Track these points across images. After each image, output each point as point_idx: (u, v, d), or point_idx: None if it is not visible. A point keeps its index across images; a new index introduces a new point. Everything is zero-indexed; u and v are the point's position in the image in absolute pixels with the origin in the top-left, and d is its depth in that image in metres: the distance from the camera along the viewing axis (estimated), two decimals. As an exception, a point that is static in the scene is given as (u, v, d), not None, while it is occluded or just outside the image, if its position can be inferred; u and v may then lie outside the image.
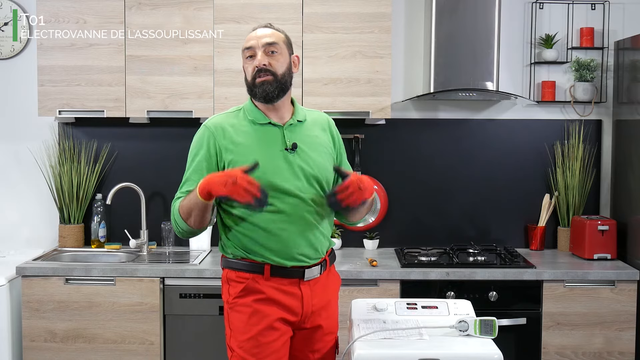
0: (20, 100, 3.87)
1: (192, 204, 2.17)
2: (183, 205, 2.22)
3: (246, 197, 2.05)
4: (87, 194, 3.83)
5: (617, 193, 3.79)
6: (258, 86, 2.26)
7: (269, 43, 2.27)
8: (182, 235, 2.31)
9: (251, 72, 2.28)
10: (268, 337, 2.26)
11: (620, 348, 3.36)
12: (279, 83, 2.27)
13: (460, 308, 2.39)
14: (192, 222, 2.22)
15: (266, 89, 2.25)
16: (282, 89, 2.29)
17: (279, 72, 2.27)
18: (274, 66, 2.27)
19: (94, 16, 3.52)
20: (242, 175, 2.06)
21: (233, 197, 2.06)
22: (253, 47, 2.28)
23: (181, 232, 2.30)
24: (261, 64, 2.25)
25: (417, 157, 3.90)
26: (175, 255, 3.66)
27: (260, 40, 2.27)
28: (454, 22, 3.63)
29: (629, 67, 3.63)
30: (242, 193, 2.05)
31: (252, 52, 2.28)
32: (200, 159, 2.28)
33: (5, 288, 3.35)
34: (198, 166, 2.28)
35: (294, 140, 2.31)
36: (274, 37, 2.30)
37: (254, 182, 2.06)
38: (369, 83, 3.52)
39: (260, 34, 2.29)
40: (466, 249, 3.70)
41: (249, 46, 2.29)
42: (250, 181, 2.06)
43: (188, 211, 2.20)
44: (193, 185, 2.24)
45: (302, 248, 2.28)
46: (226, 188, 2.05)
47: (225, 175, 2.08)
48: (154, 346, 3.35)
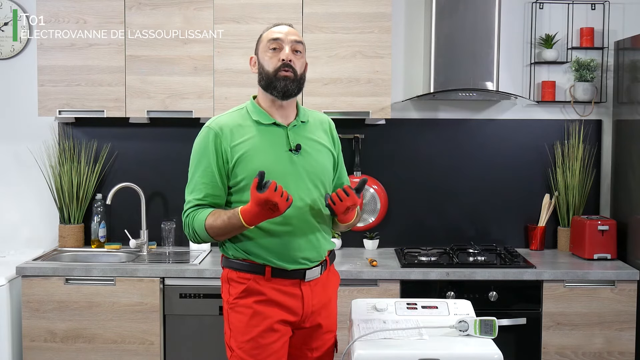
0: (20, 100, 3.87)
1: (232, 229, 2.21)
2: (215, 227, 2.22)
3: (286, 206, 2.12)
4: (87, 194, 3.83)
5: (617, 193, 3.79)
6: (280, 79, 2.26)
7: (297, 41, 2.30)
8: (198, 242, 2.36)
9: (275, 63, 2.27)
10: (268, 338, 2.26)
11: (620, 348, 3.36)
12: (298, 82, 2.30)
13: (460, 308, 2.39)
14: (223, 238, 2.29)
15: (288, 85, 2.27)
16: (299, 88, 2.31)
17: (299, 72, 2.30)
18: (297, 65, 2.29)
19: (94, 16, 3.52)
20: (272, 194, 2.07)
21: (282, 213, 2.13)
22: (281, 40, 2.28)
23: (199, 242, 2.34)
24: (288, 58, 2.26)
25: (417, 157, 3.90)
26: (175, 255, 3.66)
27: (289, 36, 2.29)
28: (454, 22, 3.63)
29: (629, 67, 3.63)
30: (284, 207, 2.11)
31: (278, 44, 2.28)
32: (207, 162, 2.27)
33: (5, 288, 3.35)
34: (207, 170, 2.27)
35: (298, 142, 2.31)
36: (300, 37, 2.34)
37: (283, 193, 2.10)
38: (369, 83, 3.52)
39: (288, 30, 2.31)
40: (466, 249, 3.70)
41: (276, 37, 2.28)
42: (283, 195, 2.10)
43: (223, 233, 2.24)
44: (204, 192, 2.26)
45: (304, 251, 2.28)
46: (275, 213, 2.13)
47: (263, 206, 2.10)
48: (154, 346, 3.35)
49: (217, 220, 2.22)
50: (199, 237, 2.29)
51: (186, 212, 2.30)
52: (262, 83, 2.31)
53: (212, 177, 2.26)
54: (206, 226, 2.23)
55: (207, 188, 2.27)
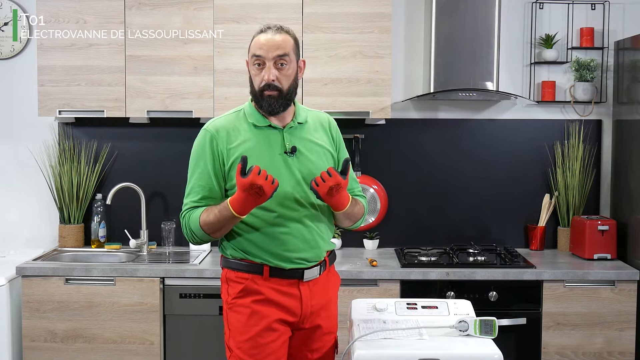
0: (20, 100, 3.87)
1: (224, 221, 2.21)
2: (208, 222, 2.23)
3: (272, 189, 2.13)
4: (87, 194, 3.83)
5: (617, 193, 3.79)
6: (265, 99, 2.26)
7: (279, 55, 2.24)
8: (200, 244, 2.36)
9: (259, 83, 2.26)
10: (266, 338, 2.26)
11: (620, 348, 3.36)
12: (284, 99, 2.27)
13: (460, 308, 2.39)
14: (219, 234, 2.29)
15: (272, 104, 2.26)
16: (287, 103, 2.29)
17: (285, 87, 2.26)
18: (282, 81, 2.25)
19: (94, 16, 3.52)
20: (256, 177, 2.09)
21: (269, 197, 2.15)
22: (263, 57, 2.24)
23: (198, 242, 2.34)
24: (270, 79, 2.24)
25: (417, 157, 3.90)
26: (175, 255, 3.66)
27: (270, 52, 2.23)
28: (454, 22, 3.63)
29: (629, 67, 3.63)
30: (270, 190, 2.12)
31: (260, 60, 2.25)
32: (204, 164, 2.28)
33: (5, 288, 3.35)
34: (203, 172, 2.28)
35: (294, 143, 2.30)
36: (285, 46, 2.25)
37: (268, 177, 2.11)
38: (369, 83, 3.52)
39: (271, 44, 2.24)
40: (466, 249, 3.70)
41: (258, 54, 2.25)
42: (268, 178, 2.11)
43: (217, 227, 2.24)
44: (200, 194, 2.27)
45: (301, 252, 2.28)
46: (262, 198, 2.13)
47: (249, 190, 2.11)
48: (154, 346, 3.35)
49: (210, 215, 2.23)
50: (196, 237, 2.29)
51: (183, 214, 2.32)
52: (252, 97, 2.32)
53: (208, 180, 2.27)
54: (200, 223, 2.25)
55: (203, 190, 2.28)
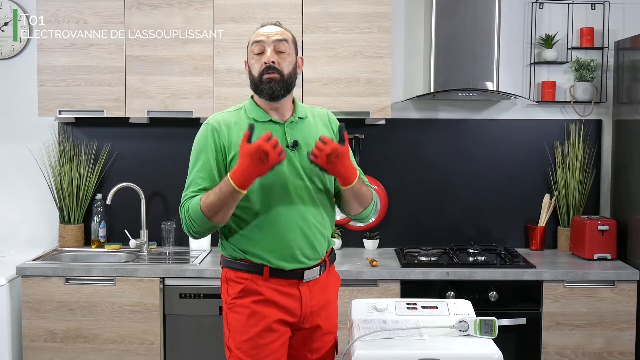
0: (20, 100, 3.87)
1: (225, 199, 2.14)
2: (208, 204, 2.17)
3: (276, 158, 2.09)
4: (87, 194, 3.83)
5: (617, 193, 3.79)
6: (265, 83, 2.25)
7: (279, 40, 2.27)
8: (198, 235, 2.28)
9: (259, 68, 2.26)
10: (266, 338, 2.26)
11: (620, 348, 3.36)
12: (285, 83, 2.27)
13: (460, 308, 2.39)
14: (219, 218, 2.19)
15: (273, 87, 2.25)
16: (287, 88, 2.29)
17: (286, 71, 2.27)
18: (282, 65, 2.26)
19: (94, 16, 3.52)
20: (264, 143, 2.06)
21: (275, 165, 2.11)
22: (263, 42, 2.26)
23: (199, 232, 2.26)
24: (270, 60, 2.25)
25: (417, 157, 3.90)
26: (175, 255, 3.66)
27: (271, 37, 2.27)
28: (454, 22, 3.63)
29: (629, 67, 3.63)
30: (274, 159, 2.09)
31: (261, 47, 2.27)
32: (206, 157, 2.27)
33: (5, 288, 3.35)
34: (205, 165, 2.27)
35: (295, 138, 2.31)
36: (284, 35, 2.30)
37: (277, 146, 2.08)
38: (369, 83, 3.52)
39: (270, 30, 2.28)
40: (466, 249, 3.70)
41: (258, 40, 2.27)
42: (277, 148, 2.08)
43: (217, 207, 2.16)
44: (201, 185, 2.24)
45: (302, 248, 2.28)
46: (265, 164, 2.09)
47: (253, 155, 2.07)
48: (154, 346, 3.35)
49: (210, 196, 2.18)
50: (195, 224, 2.22)
51: (182, 204, 2.28)
52: (252, 87, 2.32)
53: (210, 172, 2.26)
54: (201, 206, 2.18)
55: (204, 182, 2.25)
